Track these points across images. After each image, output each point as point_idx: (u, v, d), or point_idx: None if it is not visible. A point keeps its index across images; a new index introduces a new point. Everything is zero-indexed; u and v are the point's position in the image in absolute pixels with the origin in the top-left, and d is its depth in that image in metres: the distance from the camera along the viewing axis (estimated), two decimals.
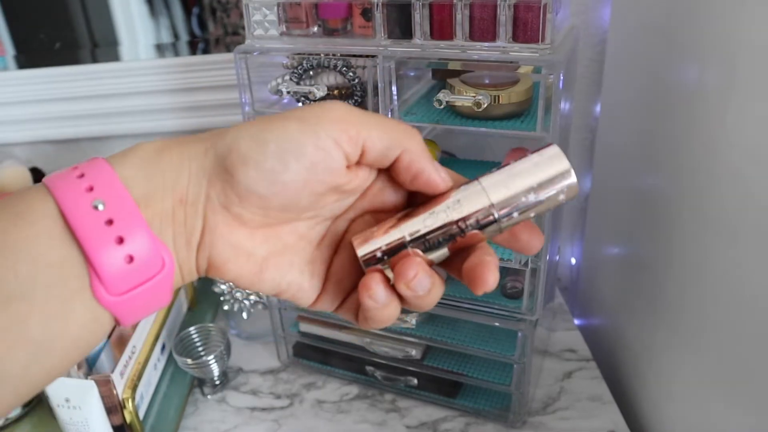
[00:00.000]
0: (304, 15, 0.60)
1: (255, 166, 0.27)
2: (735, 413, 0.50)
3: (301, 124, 0.28)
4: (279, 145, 0.27)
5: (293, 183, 0.28)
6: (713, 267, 0.52)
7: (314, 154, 0.28)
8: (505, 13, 0.52)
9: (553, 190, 0.29)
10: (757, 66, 0.45)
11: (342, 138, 0.28)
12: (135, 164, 0.28)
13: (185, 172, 0.28)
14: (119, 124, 0.84)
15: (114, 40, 0.83)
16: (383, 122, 0.30)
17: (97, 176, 0.27)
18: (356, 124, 0.29)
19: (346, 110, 0.29)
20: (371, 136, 0.29)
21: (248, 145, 0.27)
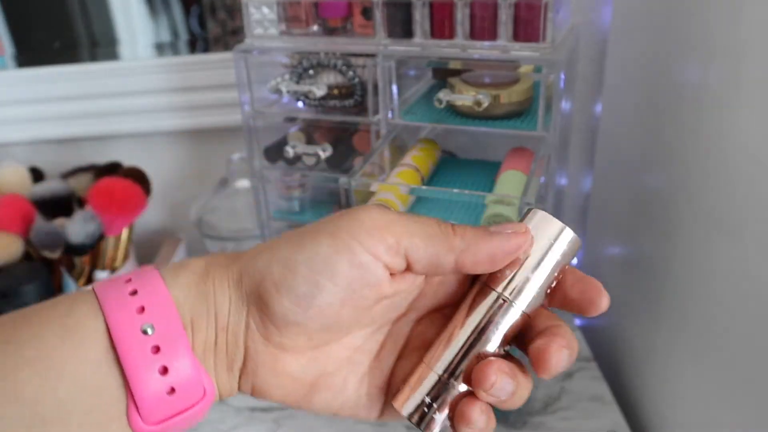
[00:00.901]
0: (304, 14, 0.59)
1: (288, 294, 0.26)
2: (736, 413, 0.50)
3: (334, 240, 0.26)
4: (310, 266, 0.26)
5: (330, 306, 0.26)
6: (715, 267, 0.52)
7: (350, 271, 0.26)
8: (505, 12, 0.52)
9: (558, 256, 0.28)
10: (759, 65, 0.45)
11: (379, 249, 0.26)
12: (184, 285, 0.27)
13: (226, 299, 0.27)
14: (119, 124, 0.84)
15: (113, 39, 0.83)
16: (426, 227, 0.27)
17: (150, 296, 0.26)
18: (395, 232, 0.26)
19: (382, 216, 0.27)
20: (414, 245, 0.26)
21: (280, 272, 0.26)
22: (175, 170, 0.88)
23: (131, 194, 0.74)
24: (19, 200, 0.71)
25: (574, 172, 0.82)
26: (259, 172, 0.66)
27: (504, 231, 0.27)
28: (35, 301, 0.66)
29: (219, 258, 0.28)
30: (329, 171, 0.64)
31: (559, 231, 0.28)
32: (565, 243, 0.28)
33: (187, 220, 0.85)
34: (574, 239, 0.28)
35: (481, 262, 0.27)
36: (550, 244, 0.27)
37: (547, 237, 0.27)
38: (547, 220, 0.28)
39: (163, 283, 0.27)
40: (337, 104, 0.61)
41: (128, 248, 0.78)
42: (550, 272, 0.28)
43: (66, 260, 0.72)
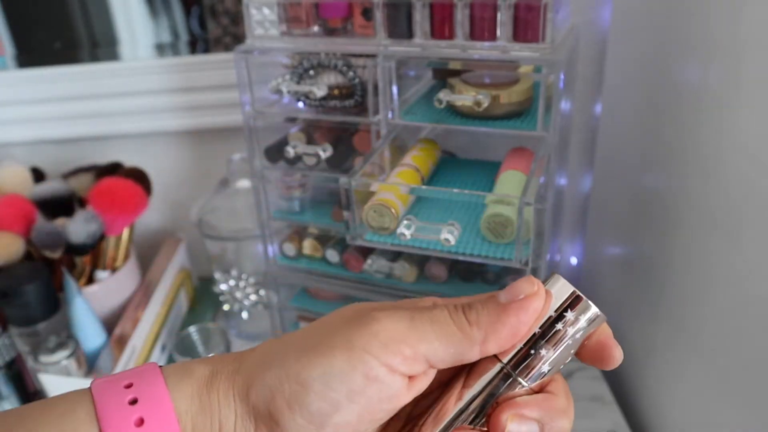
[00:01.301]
0: (305, 14, 0.59)
1: (301, 411, 0.25)
2: (736, 413, 0.50)
3: (348, 355, 0.25)
4: (325, 384, 0.24)
5: (347, 424, 0.25)
6: (715, 267, 0.52)
7: (366, 387, 0.25)
8: (505, 13, 0.52)
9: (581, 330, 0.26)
10: (758, 65, 0.45)
11: (396, 362, 0.25)
12: (188, 395, 0.26)
13: (232, 412, 0.26)
14: (120, 124, 0.84)
15: (114, 39, 0.83)
16: (442, 327, 0.25)
17: (151, 407, 0.25)
18: (411, 342, 0.25)
19: (395, 325, 0.25)
20: (433, 351, 0.25)
21: (291, 389, 0.25)
22: (176, 170, 0.88)
23: (132, 194, 0.74)
24: (20, 200, 0.71)
25: (574, 172, 0.82)
26: (259, 172, 0.66)
27: (516, 298, 0.25)
28: (36, 301, 0.67)
29: (225, 363, 0.27)
30: (329, 171, 0.64)
31: (584, 307, 0.26)
32: (585, 319, 0.26)
33: (188, 220, 0.86)
34: (597, 316, 0.26)
35: (505, 344, 0.26)
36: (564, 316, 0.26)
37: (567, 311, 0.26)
38: (564, 288, 0.26)
39: (166, 391, 0.25)
40: (338, 104, 0.61)
41: (129, 248, 0.78)
42: (564, 350, 0.26)
43: (67, 260, 0.73)
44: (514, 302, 0.25)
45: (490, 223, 0.55)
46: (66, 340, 0.65)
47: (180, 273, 0.85)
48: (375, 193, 0.57)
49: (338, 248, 0.68)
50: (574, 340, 0.26)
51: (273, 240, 0.71)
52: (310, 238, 0.70)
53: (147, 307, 0.74)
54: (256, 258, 0.78)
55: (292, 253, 0.70)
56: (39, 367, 0.64)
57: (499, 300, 0.26)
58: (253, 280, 0.80)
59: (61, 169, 0.83)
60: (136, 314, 0.73)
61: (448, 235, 0.55)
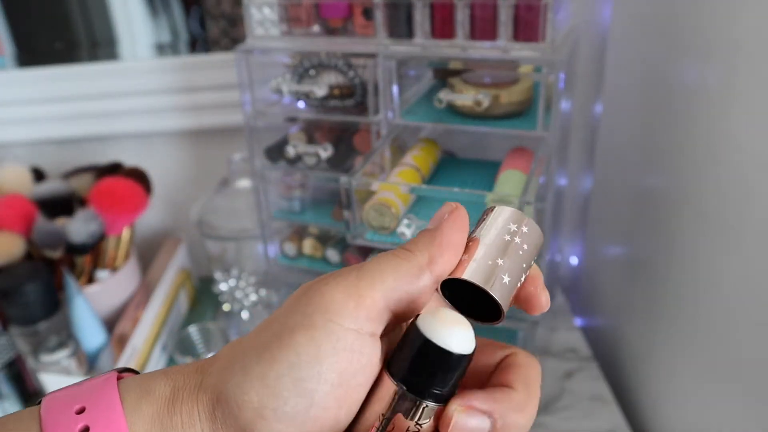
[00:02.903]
0: (305, 14, 0.60)
1: (276, 417, 0.22)
2: (735, 413, 0.50)
3: (311, 331, 0.23)
4: (295, 376, 0.22)
5: (326, 410, 0.23)
6: (714, 267, 0.52)
7: (338, 361, 0.23)
8: (505, 13, 0.52)
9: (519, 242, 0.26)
10: (758, 65, 0.45)
11: (360, 320, 0.23)
12: (147, 418, 0.23)
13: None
14: (120, 124, 0.84)
15: (113, 39, 0.83)
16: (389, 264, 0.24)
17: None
18: (365, 289, 0.23)
19: (346, 284, 0.24)
20: (389, 289, 0.24)
21: (259, 394, 0.22)
22: (176, 170, 0.88)
23: (132, 194, 0.74)
24: (21, 200, 0.72)
25: (574, 172, 0.82)
26: (259, 172, 0.66)
27: (443, 218, 0.26)
28: (36, 300, 0.67)
29: (186, 377, 0.25)
30: (330, 171, 0.64)
31: (519, 218, 0.26)
32: (527, 230, 0.26)
33: (188, 220, 0.86)
34: (535, 228, 0.26)
35: (450, 259, 0.25)
36: (513, 230, 0.26)
37: (508, 223, 0.26)
38: (505, 210, 0.27)
39: (122, 416, 0.23)
40: (338, 104, 0.61)
41: (129, 248, 0.78)
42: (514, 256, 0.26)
43: (67, 260, 0.73)
44: (443, 221, 0.26)
45: None
46: (66, 340, 0.65)
47: (180, 273, 0.85)
48: (375, 193, 0.58)
49: (339, 248, 0.68)
50: (523, 250, 0.26)
51: (273, 240, 0.71)
52: (310, 237, 0.70)
53: (147, 307, 0.74)
54: (256, 258, 0.78)
55: (292, 253, 0.70)
56: (39, 366, 0.64)
57: (429, 228, 0.26)
58: (254, 279, 0.80)
59: (61, 169, 0.83)
60: (137, 314, 0.73)
61: None
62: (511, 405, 0.24)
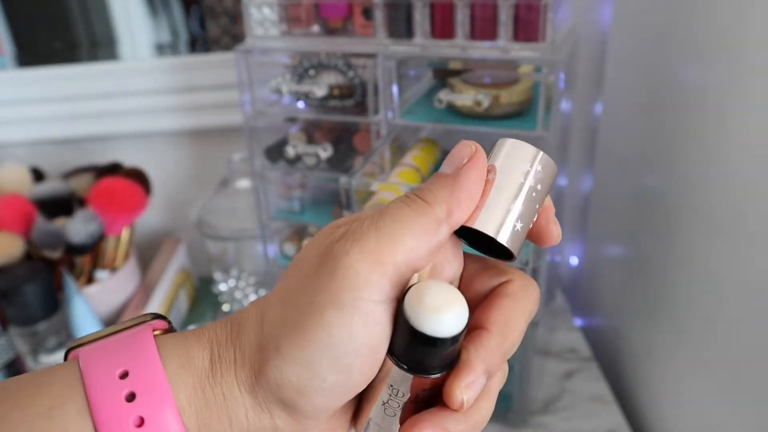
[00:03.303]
0: (305, 14, 0.60)
1: (316, 394, 0.23)
2: (735, 413, 0.50)
3: (340, 310, 0.23)
4: (330, 354, 0.23)
5: (364, 375, 0.24)
6: (714, 267, 0.52)
7: (369, 334, 0.23)
8: (505, 13, 0.52)
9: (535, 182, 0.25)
10: (758, 65, 0.45)
11: (386, 290, 0.23)
12: (190, 387, 0.24)
13: (240, 407, 0.24)
14: (120, 124, 0.84)
15: (113, 39, 0.83)
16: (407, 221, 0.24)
17: (151, 404, 0.23)
18: (387, 254, 0.23)
19: (367, 249, 0.23)
20: (411, 249, 0.24)
21: (298, 375, 0.23)
22: (176, 170, 0.88)
23: (132, 194, 0.74)
24: (20, 200, 0.71)
25: (574, 172, 0.82)
26: (259, 172, 0.66)
27: (461, 164, 0.25)
28: (36, 301, 0.67)
29: (220, 348, 0.25)
30: (330, 171, 0.64)
31: (533, 155, 0.26)
32: (541, 168, 0.26)
33: (188, 220, 0.86)
34: (549, 163, 0.26)
35: (468, 207, 0.25)
36: (526, 171, 0.25)
37: (522, 163, 0.25)
38: (519, 147, 0.26)
39: (167, 385, 0.23)
40: (338, 104, 0.61)
41: (129, 248, 0.78)
42: (527, 199, 0.25)
43: (67, 260, 0.73)
44: (462, 168, 0.25)
45: None
46: (65, 340, 0.65)
47: (180, 273, 0.85)
48: (375, 193, 0.57)
49: None
50: (536, 191, 0.26)
51: (273, 240, 0.71)
52: (310, 237, 0.70)
53: (147, 307, 0.74)
54: (256, 258, 0.78)
55: (292, 253, 0.70)
56: (38, 366, 0.64)
57: (446, 173, 0.25)
58: (253, 280, 0.80)
59: (60, 169, 0.83)
60: (136, 314, 0.73)
61: None
62: (486, 354, 0.24)
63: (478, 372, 0.24)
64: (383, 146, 0.61)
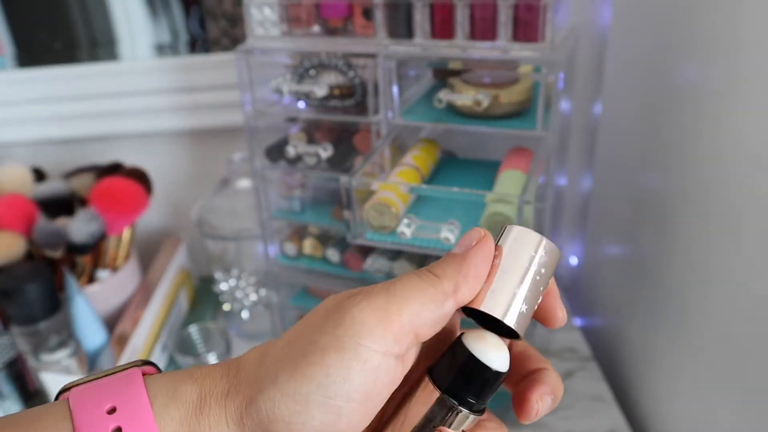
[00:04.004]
0: (305, 14, 0.60)
1: (303, 429, 0.24)
2: (735, 413, 0.50)
3: (341, 353, 0.24)
4: (324, 393, 0.24)
5: (350, 422, 0.25)
6: (714, 267, 0.52)
7: (365, 381, 0.24)
8: (505, 13, 0.52)
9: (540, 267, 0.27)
10: (758, 65, 0.45)
11: (388, 343, 0.24)
12: (176, 421, 0.25)
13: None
14: (121, 124, 0.84)
15: (113, 39, 0.83)
16: (416, 290, 0.26)
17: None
18: (394, 314, 0.25)
19: (375, 306, 0.25)
20: (416, 314, 0.25)
21: (290, 409, 0.24)
22: (177, 170, 0.89)
23: (133, 194, 0.74)
24: (22, 200, 0.72)
25: (574, 172, 0.82)
26: (260, 171, 0.67)
27: (470, 246, 0.27)
28: (37, 300, 0.67)
29: (213, 381, 0.26)
30: (330, 171, 0.64)
31: (538, 242, 0.27)
32: (545, 253, 0.27)
33: (188, 220, 0.86)
34: (553, 249, 0.27)
35: (474, 286, 0.27)
36: (531, 257, 0.27)
37: (527, 249, 0.27)
38: (524, 234, 0.28)
39: (153, 418, 0.24)
40: (338, 104, 0.61)
41: (130, 248, 0.79)
42: (532, 283, 0.27)
43: (68, 259, 0.73)
44: (471, 249, 0.27)
45: (490, 222, 0.55)
46: (67, 340, 0.66)
47: (180, 273, 0.85)
48: (375, 193, 0.58)
49: (339, 248, 0.68)
50: (540, 275, 0.27)
51: (273, 239, 0.71)
52: (310, 237, 0.70)
53: (147, 307, 0.74)
54: (256, 257, 0.78)
55: (292, 253, 0.70)
56: (40, 366, 0.64)
57: (455, 253, 0.27)
58: (254, 279, 0.80)
59: (61, 169, 0.83)
60: (137, 314, 0.73)
61: (449, 234, 0.55)
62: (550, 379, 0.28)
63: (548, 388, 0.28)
64: (383, 146, 0.61)
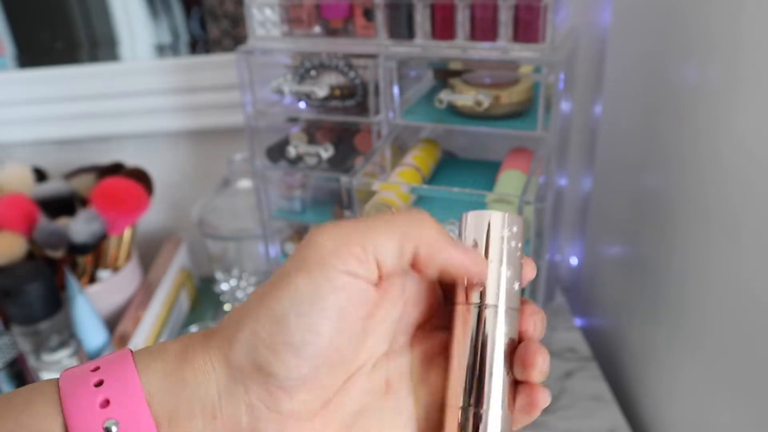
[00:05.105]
0: (306, 15, 0.60)
1: (287, 351, 0.24)
2: (735, 413, 0.50)
3: (307, 273, 0.25)
4: (297, 311, 0.24)
5: (332, 343, 0.25)
6: (714, 267, 0.52)
7: (336, 298, 0.25)
8: (505, 14, 0.53)
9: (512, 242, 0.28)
10: (757, 65, 0.45)
11: (352, 264, 0.25)
12: (160, 373, 0.25)
13: (212, 384, 0.25)
14: (121, 125, 0.84)
15: (114, 40, 0.83)
16: (385, 222, 0.26)
17: (117, 387, 0.24)
18: (358, 240, 0.25)
19: (340, 231, 0.25)
20: (379, 245, 0.25)
21: (269, 333, 0.24)
22: (177, 170, 0.89)
23: (133, 194, 0.74)
24: (23, 200, 0.72)
25: (574, 172, 0.82)
26: (260, 172, 0.67)
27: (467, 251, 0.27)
28: (38, 300, 0.67)
29: (195, 336, 0.26)
30: (331, 171, 0.64)
31: (501, 220, 0.28)
32: (511, 227, 0.28)
33: (189, 220, 0.86)
34: (515, 219, 0.28)
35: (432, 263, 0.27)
36: (501, 236, 0.28)
37: (494, 230, 0.28)
38: (481, 216, 0.28)
39: (135, 370, 0.24)
40: (339, 104, 0.61)
41: (131, 248, 0.79)
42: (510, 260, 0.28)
43: (69, 259, 0.73)
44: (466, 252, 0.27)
45: None
46: (68, 339, 0.66)
47: (181, 273, 0.85)
48: (376, 193, 0.58)
49: None
50: (519, 249, 0.28)
51: (274, 240, 0.71)
52: None
53: (148, 307, 0.74)
54: (257, 258, 0.78)
55: None
56: (41, 366, 0.64)
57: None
58: (254, 279, 0.80)
59: (62, 170, 0.83)
60: (138, 314, 0.73)
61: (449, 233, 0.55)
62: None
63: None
64: (384, 146, 0.61)
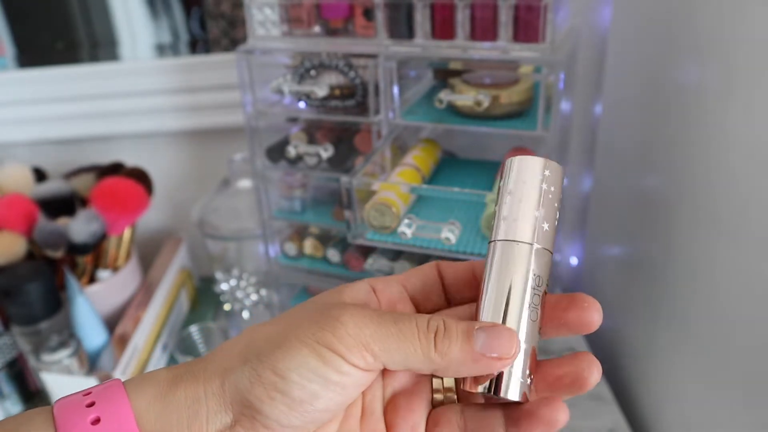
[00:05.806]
0: (306, 15, 0.60)
1: (282, 399, 0.25)
2: (735, 413, 0.50)
3: (318, 355, 0.25)
4: (301, 375, 0.25)
5: (327, 409, 0.26)
6: (714, 267, 0.52)
7: (340, 379, 0.25)
8: (505, 13, 0.53)
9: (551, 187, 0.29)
10: (757, 66, 0.45)
11: (361, 364, 0.26)
12: (150, 396, 0.26)
13: (202, 409, 0.26)
14: (121, 125, 0.84)
15: (114, 40, 0.83)
16: (407, 344, 0.26)
17: (108, 407, 0.25)
18: (373, 349, 0.26)
19: (360, 332, 0.26)
20: (392, 359, 0.26)
21: (270, 379, 0.25)
22: (177, 170, 0.89)
23: (133, 194, 0.74)
24: (23, 200, 0.72)
25: (574, 172, 0.82)
26: (260, 172, 0.67)
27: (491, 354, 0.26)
28: (38, 300, 0.67)
29: (186, 366, 0.27)
30: (331, 171, 0.64)
31: (542, 165, 0.29)
32: (550, 173, 0.29)
33: (189, 220, 0.86)
34: (555, 167, 0.29)
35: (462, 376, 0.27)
36: (540, 179, 0.28)
37: (534, 174, 0.29)
38: (525, 161, 0.29)
39: (125, 393, 0.26)
40: (339, 104, 0.61)
41: (130, 248, 0.79)
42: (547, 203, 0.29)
43: (69, 259, 0.73)
44: (486, 356, 0.26)
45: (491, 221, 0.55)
46: (68, 339, 0.66)
47: (181, 272, 0.85)
48: (376, 193, 0.58)
49: (339, 248, 0.68)
50: (552, 193, 0.29)
51: (274, 239, 0.71)
52: (311, 237, 0.70)
53: (148, 307, 0.74)
54: (257, 257, 0.78)
55: (293, 253, 0.71)
56: (41, 366, 0.64)
57: (474, 343, 0.26)
58: (254, 279, 0.80)
59: (62, 169, 0.83)
60: (138, 314, 0.73)
61: (449, 234, 0.55)
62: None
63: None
64: (384, 146, 0.61)
